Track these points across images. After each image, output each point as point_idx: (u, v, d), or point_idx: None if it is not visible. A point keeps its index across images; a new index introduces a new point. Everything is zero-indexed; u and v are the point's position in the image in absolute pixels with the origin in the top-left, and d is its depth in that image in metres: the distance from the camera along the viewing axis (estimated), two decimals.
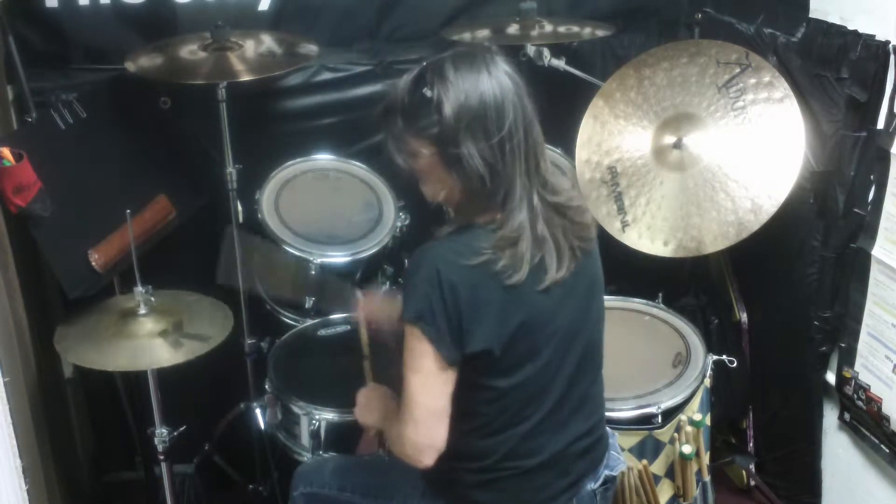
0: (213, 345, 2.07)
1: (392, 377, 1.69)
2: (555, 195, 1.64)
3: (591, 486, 1.79)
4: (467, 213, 1.63)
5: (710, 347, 2.45)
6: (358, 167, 2.71)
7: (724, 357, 2.35)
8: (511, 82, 1.57)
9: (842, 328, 2.40)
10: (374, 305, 2.11)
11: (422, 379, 1.58)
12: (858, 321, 2.32)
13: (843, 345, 2.40)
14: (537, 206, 1.60)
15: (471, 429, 1.67)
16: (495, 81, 1.55)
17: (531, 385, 1.65)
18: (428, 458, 1.60)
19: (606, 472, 1.82)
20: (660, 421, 2.19)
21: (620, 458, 1.88)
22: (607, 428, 1.88)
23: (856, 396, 2.38)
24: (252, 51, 2.44)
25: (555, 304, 1.63)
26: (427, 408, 1.59)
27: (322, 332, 2.50)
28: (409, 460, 1.62)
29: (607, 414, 1.90)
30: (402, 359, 1.61)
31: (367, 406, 1.85)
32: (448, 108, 1.52)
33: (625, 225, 2.44)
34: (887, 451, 2.31)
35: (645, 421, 2.19)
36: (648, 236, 2.42)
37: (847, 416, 2.46)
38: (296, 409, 2.25)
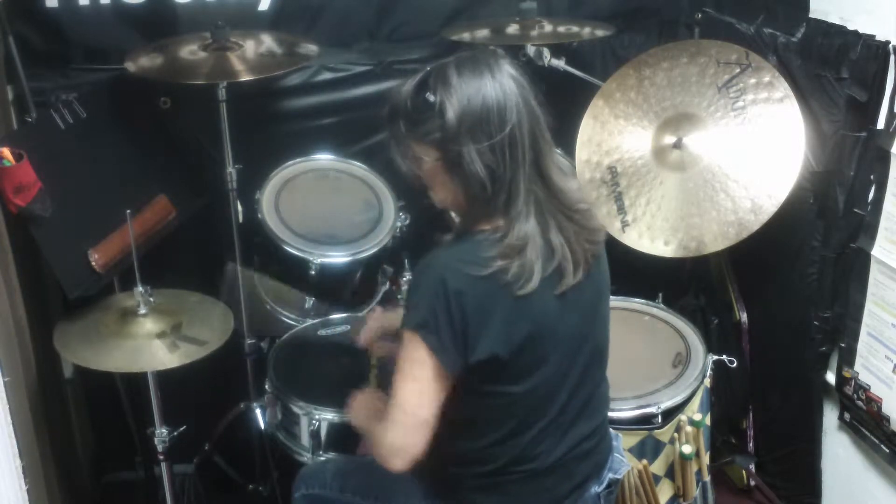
0: (213, 348, 2.07)
1: None
2: (563, 200, 1.62)
3: (596, 489, 1.79)
4: (471, 220, 1.62)
5: (710, 347, 2.45)
6: (358, 167, 2.71)
7: (724, 357, 2.35)
8: (516, 85, 1.56)
9: (842, 328, 2.40)
10: (378, 323, 2.10)
11: (416, 387, 1.57)
12: (858, 321, 2.32)
13: (843, 345, 2.40)
14: (546, 212, 1.58)
15: (481, 438, 1.67)
16: (498, 85, 1.53)
17: (540, 391, 1.64)
18: (402, 464, 1.59)
19: (610, 476, 1.82)
20: (660, 421, 2.19)
21: (624, 461, 1.88)
22: (611, 430, 1.88)
23: (856, 396, 2.38)
24: (252, 51, 2.43)
25: (563, 310, 1.62)
26: (415, 416, 1.58)
27: (322, 332, 2.51)
28: (381, 461, 1.62)
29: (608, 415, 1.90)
30: (397, 364, 1.60)
31: (359, 408, 1.86)
32: (451, 113, 1.51)
33: (625, 225, 2.44)
34: (887, 451, 2.31)
35: (645, 421, 2.19)
36: (648, 236, 2.42)
37: (847, 416, 2.46)
38: (296, 409, 2.25)
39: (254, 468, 2.71)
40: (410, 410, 1.58)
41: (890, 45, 2.14)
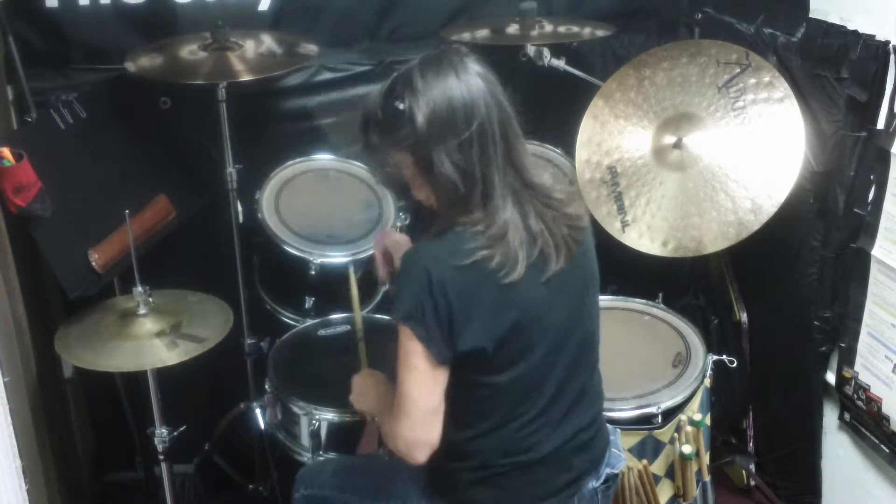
0: (212, 345, 2.07)
1: (388, 358, 1.69)
2: (539, 190, 1.64)
3: (594, 483, 1.79)
4: (450, 215, 1.63)
5: (710, 347, 2.45)
6: (358, 167, 2.71)
7: (724, 357, 2.35)
8: (483, 81, 1.58)
9: (842, 328, 2.40)
10: (391, 239, 2.11)
11: (415, 377, 1.59)
12: (858, 321, 2.32)
13: (843, 345, 2.40)
14: (524, 200, 1.61)
15: (467, 428, 1.67)
16: (464, 83, 1.56)
17: (526, 381, 1.65)
18: (422, 455, 1.62)
19: (608, 471, 1.82)
20: (660, 421, 2.19)
21: (622, 456, 1.88)
22: (609, 426, 1.89)
23: (856, 396, 2.38)
24: (252, 51, 2.44)
25: (549, 299, 1.63)
26: (420, 406, 1.60)
27: (322, 332, 2.50)
28: (402, 456, 1.64)
29: (607, 414, 1.90)
30: (398, 356, 1.62)
31: (363, 392, 1.88)
32: (420, 117, 1.53)
33: (625, 225, 2.44)
34: (887, 451, 2.31)
35: (645, 421, 2.19)
36: (648, 236, 2.42)
37: (847, 416, 2.46)
38: (296, 409, 2.25)
39: (254, 468, 2.71)
40: (418, 401, 1.60)
41: (890, 45, 2.14)
